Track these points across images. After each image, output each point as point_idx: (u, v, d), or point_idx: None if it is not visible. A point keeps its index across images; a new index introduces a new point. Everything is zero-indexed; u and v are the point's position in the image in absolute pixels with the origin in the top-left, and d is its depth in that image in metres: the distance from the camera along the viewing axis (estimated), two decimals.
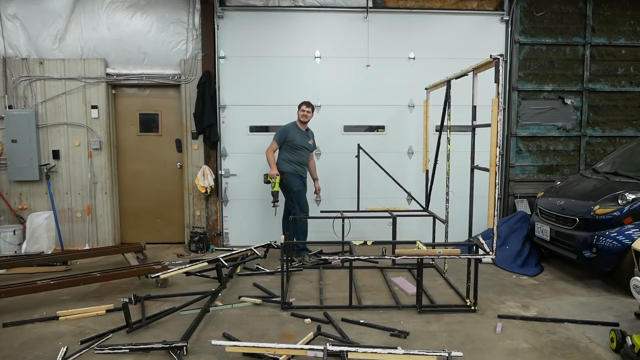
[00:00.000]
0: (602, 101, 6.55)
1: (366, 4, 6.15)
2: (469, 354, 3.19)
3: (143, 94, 6.42)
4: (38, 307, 4.10)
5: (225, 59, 6.20)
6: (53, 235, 5.95)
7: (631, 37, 6.46)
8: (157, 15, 6.13)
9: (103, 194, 6.26)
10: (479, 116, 4.20)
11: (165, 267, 4.74)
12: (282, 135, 5.42)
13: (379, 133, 6.43)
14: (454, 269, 5.15)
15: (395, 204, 6.10)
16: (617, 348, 3.16)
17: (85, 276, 4.38)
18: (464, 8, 6.31)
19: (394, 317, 3.86)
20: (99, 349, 3.22)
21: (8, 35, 6.03)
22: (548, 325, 3.70)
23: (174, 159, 6.47)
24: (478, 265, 4.03)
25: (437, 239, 5.41)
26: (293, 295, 4.41)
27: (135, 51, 6.15)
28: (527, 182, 6.55)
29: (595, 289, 4.59)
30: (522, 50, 6.39)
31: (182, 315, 3.88)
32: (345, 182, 6.25)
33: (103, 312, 3.95)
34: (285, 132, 5.41)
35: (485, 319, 3.84)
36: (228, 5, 6.12)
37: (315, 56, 6.27)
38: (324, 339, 3.35)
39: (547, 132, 6.52)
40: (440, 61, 6.19)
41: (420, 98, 6.02)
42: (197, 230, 6.15)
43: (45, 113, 6.11)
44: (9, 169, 6.03)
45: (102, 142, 6.18)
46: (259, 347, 3.05)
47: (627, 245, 4.17)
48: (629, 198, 4.40)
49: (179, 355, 3.13)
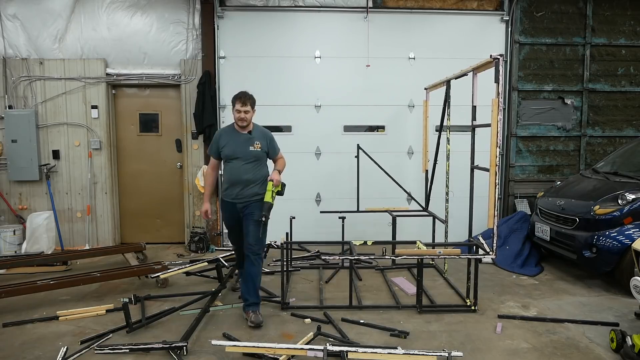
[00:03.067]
0: (602, 101, 6.55)
1: (366, 4, 6.15)
2: (469, 354, 3.19)
3: (143, 94, 6.41)
4: (38, 307, 4.10)
5: (225, 59, 6.19)
6: (53, 235, 5.95)
7: (631, 37, 6.46)
8: (157, 15, 6.12)
9: (103, 194, 6.26)
10: (479, 116, 4.21)
11: (165, 267, 4.74)
12: (213, 144, 3.88)
13: (379, 133, 6.43)
14: (454, 269, 5.15)
15: (395, 204, 6.09)
16: (617, 348, 3.16)
17: (85, 276, 4.38)
18: (464, 8, 6.31)
19: (394, 317, 3.86)
20: (99, 349, 3.22)
21: (8, 35, 6.03)
22: (548, 325, 3.70)
23: (174, 159, 6.47)
24: (478, 265, 4.03)
25: (437, 239, 5.41)
26: (293, 295, 4.41)
27: (135, 51, 6.15)
28: (527, 182, 6.54)
29: (595, 289, 4.59)
30: (522, 50, 6.39)
31: (182, 315, 3.88)
32: (345, 182, 6.25)
33: (103, 312, 3.95)
34: (216, 138, 3.87)
35: (485, 319, 3.84)
36: (228, 5, 6.12)
37: (315, 56, 6.27)
38: (324, 339, 3.35)
39: (547, 132, 6.52)
40: (440, 61, 6.19)
41: (420, 98, 6.02)
42: (197, 230, 6.15)
43: (45, 113, 6.11)
44: (9, 169, 6.03)
45: (102, 142, 6.18)
46: (259, 347, 3.05)
47: (627, 245, 4.16)
48: (629, 198, 4.40)
49: (179, 355, 3.13)
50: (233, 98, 3.76)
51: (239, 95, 3.74)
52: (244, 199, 3.76)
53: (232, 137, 3.77)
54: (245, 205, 3.77)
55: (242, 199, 3.76)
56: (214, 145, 3.86)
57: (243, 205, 3.77)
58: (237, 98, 3.73)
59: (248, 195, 3.75)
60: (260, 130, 3.89)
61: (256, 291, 3.79)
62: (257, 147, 3.78)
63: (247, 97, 3.73)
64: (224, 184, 3.84)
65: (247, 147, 3.76)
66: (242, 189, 3.74)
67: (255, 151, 3.78)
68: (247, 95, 3.74)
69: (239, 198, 3.76)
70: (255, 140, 3.79)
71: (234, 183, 3.74)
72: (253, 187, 3.76)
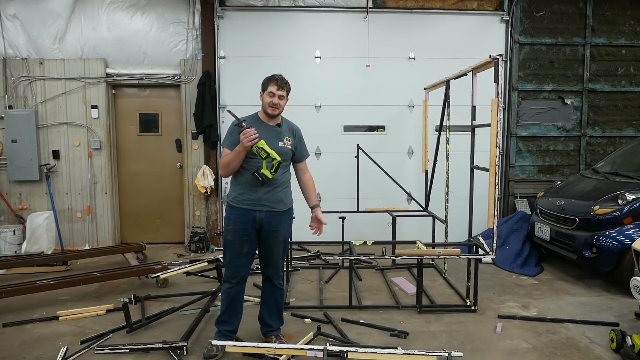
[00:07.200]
0: (602, 101, 6.55)
1: (366, 4, 6.15)
2: (469, 354, 3.19)
3: (143, 94, 6.41)
4: (38, 307, 4.10)
5: (225, 59, 6.20)
6: (53, 235, 5.95)
7: (631, 37, 6.46)
8: (157, 15, 6.12)
9: (103, 194, 6.26)
10: (478, 116, 4.20)
11: (165, 267, 4.74)
12: (231, 136, 3.07)
13: (379, 133, 6.43)
14: (454, 269, 5.15)
15: (395, 204, 6.09)
16: (617, 348, 3.16)
17: (85, 276, 4.38)
18: (464, 8, 6.31)
19: (394, 317, 3.86)
20: (99, 349, 3.22)
21: (8, 35, 6.03)
22: (548, 325, 3.70)
23: (174, 159, 6.47)
24: (478, 265, 4.03)
25: (437, 239, 5.41)
26: (293, 295, 4.41)
27: (135, 51, 6.15)
28: (527, 182, 6.54)
29: (595, 289, 4.59)
30: (522, 50, 6.39)
31: (182, 315, 3.87)
32: (345, 183, 6.25)
33: (103, 312, 3.95)
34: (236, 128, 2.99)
35: (485, 319, 3.84)
36: (228, 5, 6.12)
37: (315, 56, 6.27)
38: (324, 339, 3.35)
39: (547, 132, 6.52)
40: (440, 61, 6.19)
41: (420, 98, 6.02)
42: (197, 230, 6.15)
43: (45, 113, 6.11)
44: (9, 169, 6.02)
45: (102, 142, 6.18)
46: (259, 347, 3.05)
47: (627, 245, 4.16)
48: (629, 198, 4.40)
49: (179, 355, 3.13)
50: (266, 79, 3.07)
51: (276, 76, 3.05)
52: (267, 206, 3.03)
53: (258, 128, 2.92)
54: (267, 215, 3.04)
55: (265, 206, 3.03)
56: (232, 136, 3.03)
57: (264, 213, 3.03)
58: (273, 79, 3.02)
59: (272, 201, 3.04)
60: (288, 125, 3.23)
61: (281, 315, 3.34)
62: (287, 143, 3.11)
63: (284, 81, 3.05)
64: (236, 186, 3.07)
65: (276, 142, 3.04)
66: (266, 193, 3.01)
67: (285, 148, 3.08)
68: (284, 79, 3.06)
69: (260, 204, 3.02)
70: (285, 135, 3.12)
71: (254, 185, 2.98)
72: (279, 192, 3.07)
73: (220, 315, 3.21)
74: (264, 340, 3.32)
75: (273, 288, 3.27)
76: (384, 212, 5.57)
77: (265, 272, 3.26)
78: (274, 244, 3.15)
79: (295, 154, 3.22)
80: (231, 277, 3.12)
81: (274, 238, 3.12)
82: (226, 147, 3.05)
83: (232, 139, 3.02)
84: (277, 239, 3.14)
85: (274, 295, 3.28)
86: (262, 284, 3.34)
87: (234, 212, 3.07)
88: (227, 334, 3.18)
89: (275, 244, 3.15)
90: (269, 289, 3.29)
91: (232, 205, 3.09)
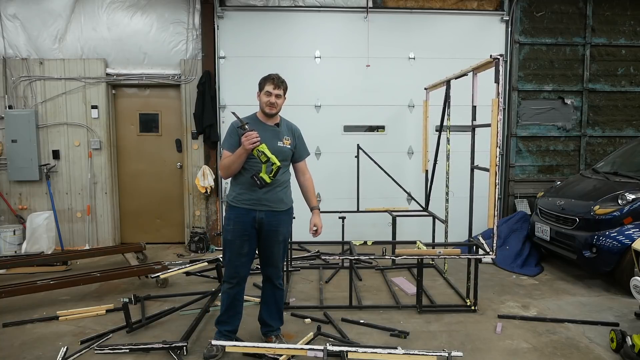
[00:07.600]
0: (602, 101, 6.55)
1: (366, 4, 6.15)
2: (469, 354, 3.19)
3: (143, 94, 6.41)
4: (38, 307, 4.10)
5: (225, 59, 6.20)
6: (53, 235, 5.95)
7: (631, 37, 6.47)
8: (157, 15, 6.12)
9: (103, 194, 6.26)
10: (478, 116, 4.20)
11: (165, 267, 4.74)
12: (230, 137, 3.07)
13: (379, 133, 6.43)
14: (454, 269, 5.15)
15: (395, 204, 6.09)
16: (617, 348, 3.16)
17: (85, 276, 4.38)
18: (464, 8, 6.31)
19: (394, 317, 3.86)
20: (99, 349, 3.22)
21: (8, 35, 6.03)
22: (548, 325, 3.70)
23: (174, 159, 6.47)
24: (478, 265, 4.03)
25: (437, 239, 5.41)
26: (293, 295, 4.41)
27: (135, 51, 6.15)
28: (527, 182, 6.54)
29: (595, 289, 4.59)
30: (522, 50, 6.39)
31: (182, 315, 3.87)
32: (345, 183, 6.25)
33: (103, 312, 3.95)
34: (235, 128, 3.05)
35: (485, 319, 3.84)
36: (228, 5, 6.12)
37: (315, 56, 6.27)
38: (324, 339, 3.35)
39: (547, 132, 6.52)
40: (440, 61, 6.19)
41: (420, 98, 6.02)
42: (197, 230, 6.15)
43: (45, 113, 6.10)
44: (9, 169, 6.02)
45: (102, 142, 6.18)
46: (259, 347, 3.05)
47: (627, 245, 4.17)
48: (629, 198, 4.40)
49: (179, 355, 3.13)
50: (262, 79, 3.09)
51: (272, 75, 3.06)
52: (267, 206, 3.05)
53: (257, 128, 2.95)
54: (267, 215, 3.05)
55: (265, 206, 3.04)
56: (231, 137, 3.04)
57: (264, 213, 3.05)
58: (269, 79, 3.05)
59: (272, 200, 3.05)
60: (287, 124, 3.25)
61: (281, 315, 3.35)
62: (286, 142, 3.12)
63: (280, 80, 3.07)
64: (236, 186, 3.08)
65: (276, 141, 3.06)
66: (266, 193, 3.01)
67: (284, 148, 3.10)
68: (280, 78, 3.08)
69: (260, 204, 3.03)
70: (284, 135, 3.14)
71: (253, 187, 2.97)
72: (279, 192, 3.09)
73: (220, 316, 3.22)
74: (264, 340, 3.33)
75: (273, 288, 3.28)
76: (384, 212, 5.57)
77: (265, 272, 3.27)
78: (274, 244, 3.16)
79: (294, 153, 3.23)
80: (231, 277, 3.13)
81: (274, 238, 3.14)
82: (226, 149, 3.05)
83: (232, 141, 3.03)
84: (277, 239, 3.15)
85: (274, 295, 3.29)
86: (262, 284, 3.35)
87: (233, 212, 3.08)
88: (227, 334, 3.19)
89: (275, 243, 3.16)
90: (269, 289, 3.30)
91: (232, 205, 3.10)
